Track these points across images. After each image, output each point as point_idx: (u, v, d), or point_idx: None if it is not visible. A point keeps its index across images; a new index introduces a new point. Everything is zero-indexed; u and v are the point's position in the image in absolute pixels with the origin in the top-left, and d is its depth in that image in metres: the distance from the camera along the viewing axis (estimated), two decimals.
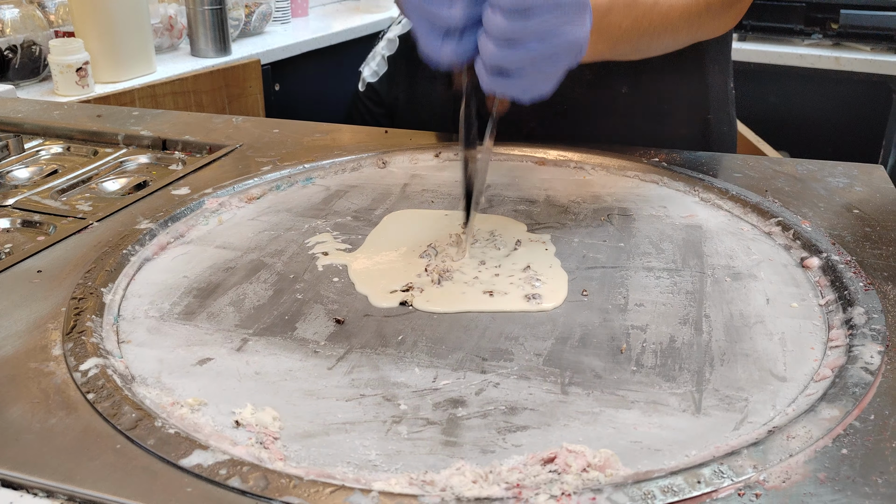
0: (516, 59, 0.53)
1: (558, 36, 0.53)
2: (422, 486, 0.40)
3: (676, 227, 0.70)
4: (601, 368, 0.50)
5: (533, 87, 0.56)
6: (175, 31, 2.12)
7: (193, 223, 0.72)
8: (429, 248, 0.66)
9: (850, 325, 0.53)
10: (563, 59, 0.55)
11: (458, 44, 0.55)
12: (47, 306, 0.56)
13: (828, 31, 2.11)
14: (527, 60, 0.53)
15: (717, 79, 0.93)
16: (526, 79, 0.55)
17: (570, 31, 0.54)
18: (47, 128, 0.97)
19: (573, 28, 0.54)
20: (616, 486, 0.39)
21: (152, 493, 0.39)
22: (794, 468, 0.40)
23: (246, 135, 0.93)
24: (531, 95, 0.56)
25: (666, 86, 0.89)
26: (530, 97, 0.56)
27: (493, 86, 0.55)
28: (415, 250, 0.66)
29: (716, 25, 0.78)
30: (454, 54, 0.56)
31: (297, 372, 0.50)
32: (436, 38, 0.56)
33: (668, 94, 0.90)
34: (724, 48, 0.94)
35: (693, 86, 0.91)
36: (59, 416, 0.45)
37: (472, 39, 0.55)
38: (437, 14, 0.54)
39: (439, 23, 0.55)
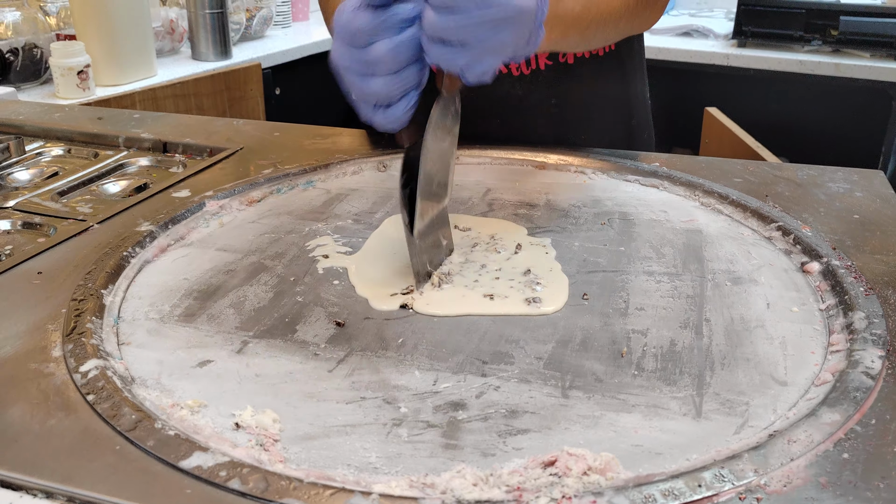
0: (456, 27, 0.51)
1: (501, 3, 0.51)
2: (422, 489, 0.40)
3: (677, 232, 0.70)
4: (602, 372, 0.50)
5: (478, 62, 0.53)
6: (176, 34, 2.13)
7: (194, 225, 0.72)
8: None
9: (851, 330, 0.53)
10: (509, 31, 0.52)
11: (386, 113, 0.55)
12: (47, 308, 0.56)
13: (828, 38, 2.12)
14: (468, 30, 0.51)
15: (637, 87, 0.98)
16: (469, 50, 0.52)
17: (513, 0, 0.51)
18: (48, 130, 0.97)
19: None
20: (617, 490, 0.39)
21: (151, 495, 0.39)
22: (795, 472, 0.40)
23: (247, 138, 0.93)
24: (477, 70, 0.53)
25: (592, 94, 0.92)
26: (476, 73, 0.54)
27: (437, 57, 0.53)
28: None
29: (646, 17, 0.82)
30: (385, 122, 0.56)
31: (298, 374, 0.50)
32: (367, 107, 0.56)
33: (595, 102, 0.93)
34: (641, 56, 0.98)
35: (616, 94, 0.95)
36: (59, 417, 0.45)
37: (402, 107, 0.55)
38: (361, 87, 0.54)
39: (366, 96, 0.55)
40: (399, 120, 0.56)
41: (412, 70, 0.54)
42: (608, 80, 0.93)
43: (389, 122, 0.56)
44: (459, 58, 0.53)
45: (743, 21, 2.20)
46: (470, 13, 0.51)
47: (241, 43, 2.28)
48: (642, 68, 0.99)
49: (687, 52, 2.21)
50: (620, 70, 0.94)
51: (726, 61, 2.19)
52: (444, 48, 0.52)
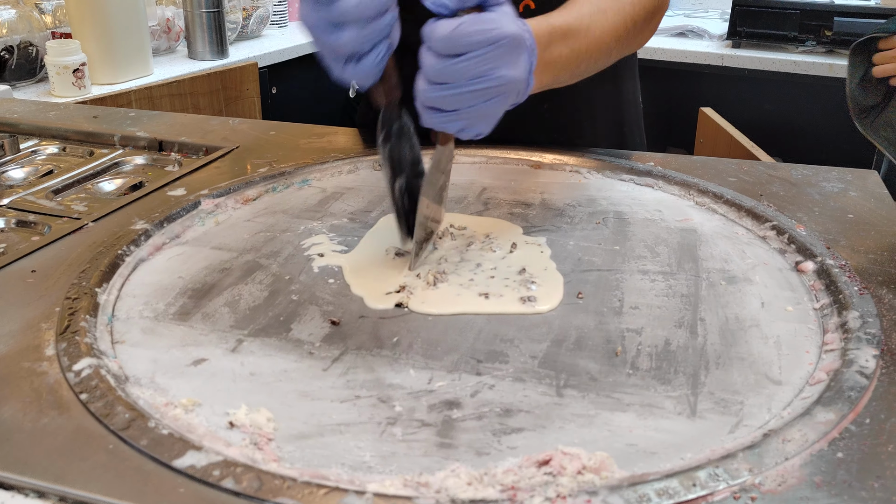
0: (449, 99, 0.53)
1: (491, 77, 0.53)
2: (416, 488, 0.40)
3: (671, 231, 0.70)
4: (596, 371, 0.50)
5: (470, 126, 0.55)
6: (172, 33, 2.12)
7: (189, 224, 0.71)
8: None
9: (845, 329, 0.53)
10: (497, 100, 0.54)
11: (356, 67, 0.55)
12: (41, 306, 0.56)
13: (821, 39, 2.12)
14: (460, 100, 0.53)
15: (629, 91, 0.98)
16: (462, 118, 0.54)
17: (503, 73, 0.53)
18: (43, 128, 0.97)
19: (507, 70, 0.53)
20: (611, 489, 0.39)
21: (144, 494, 0.39)
22: (789, 472, 0.40)
23: (242, 137, 0.93)
24: (470, 134, 0.56)
25: (584, 100, 0.92)
26: (469, 135, 0.56)
27: (431, 122, 0.55)
28: (409, 253, 0.66)
29: (639, 40, 0.81)
30: (357, 77, 0.56)
31: (292, 373, 0.50)
32: (338, 63, 0.56)
33: (586, 108, 0.94)
34: (633, 61, 0.99)
35: (608, 98, 0.96)
36: (52, 415, 0.45)
37: (371, 60, 0.55)
38: (329, 42, 0.55)
39: (335, 50, 0.55)
40: (370, 73, 0.56)
41: (381, 22, 0.54)
42: (600, 87, 0.93)
43: (361, 76, 0.56)
44: (453, 124, 0.55)
45: (737, 22, 2.21)
46: (462, 87, 0.53)
47: (238, 42, 2.28)
48: (634, 73, 0.99)
49: (682, 53, 2.21)
50: (612, 76, 0.94)
51: (721, 61, 2.19)
52: (439, 115, 0.55)
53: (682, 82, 2.23)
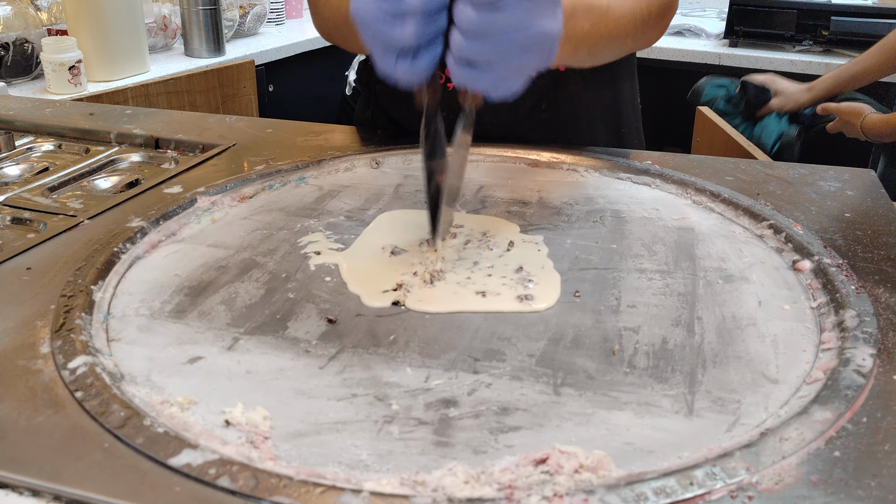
0: (485, 52, 0.52)
1: (529, 28, 0.52)
2: (413, 487, 0.39)
3: (669, 230, 0.70)
4: (594, 369, 0.50)
5: (503, 82, 0.55)
6: (169, 30, 2.12)
7: (185, 222, 0.71)
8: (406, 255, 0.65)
9: (842, 328, 0.53)
10: (533, 53, 0.54)
11: (412, 64, 0.55)
12: (36, 304, 0.56)
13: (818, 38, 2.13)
14: (496, 53, 0.52)
15: (627, 93, 0.98)
16: (496, 72, 0.54)
17: (541, 24, 0.53)
18: (39, 125, 0.97)
19: (545, 20, 0.53)
20: (608, 488, 0.39)
21: (140, 493, 0.39)
22: (786, 470, 0.40)
23: (239, 134, 0.93)
24: (501, 91, 0.55)
25: (582, 101, 0.92)
26: (501, 93, 0.55)
27: (463, 79, 0.55)
28: (408, 250, 0.66)
29: (651, 35, 0.82)
30: (409, 74, 0.55)
31: (289, 371, 0.50)
32: (390, 58, 0.55)
33: (585, 108, 0.93)
34: (631, 62, 0.99)
35: (606, 100, 0.95)
36: (47, 414, 0.45)
37: (427, 58, 0.55)
38: (390, 34, 0.54)
39: (392, 43, 0.54)
40: (424, 71, 0.55)
41: (441, 16, 0.54)
42: (599, 87, 0.93)
43: (413, 74, 0.55)
44: (485, 79, 0.54)
45: (735, 21, 2.21)
46: (499, 39, 0.52)
47: (235, 40, 2.28)
48: (632, 75, 0.99)
49: (679, 52, 2.21)
50: (611, 77, 0.94)
51: (718, 60, 2.19)
52: (471, 70, 0.54)
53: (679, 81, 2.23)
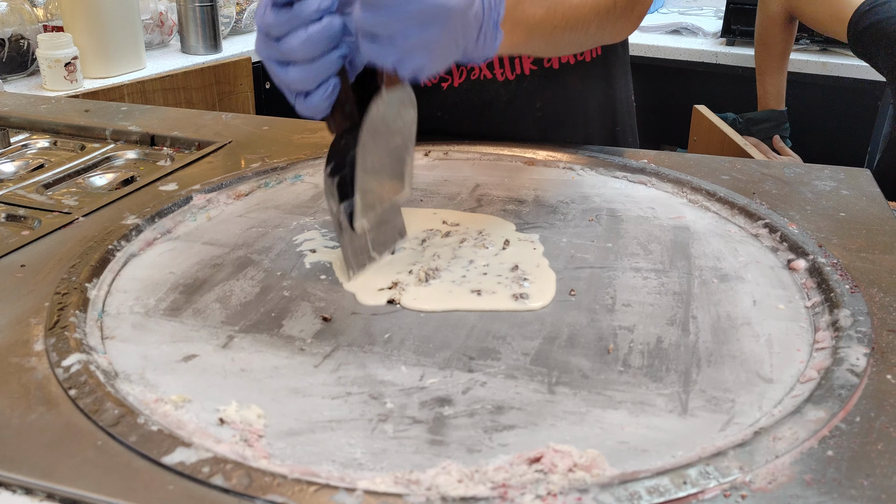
0: (383, 24, 0.51)
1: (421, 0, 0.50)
2: (407, 486, 0.39)
3: (664, 229, 0.70)
4: (588, 368, 0.50)
5: (409, 58, 0.53)
6: (165, 27, 2.11)
7: (181, 219, 0.71)
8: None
9: (837, 328, 0.53)
10: (433, 27, 0.52)
11: (304, 103, 0.55)
12: (30, 301, 0.56)
13: (815, 37, 2.12)
14: (394, 25, 0.51)
15: (621, 92, 0.98)
16: (397, 46, 0.52)
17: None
18: (34, 122, 0.96)
19: None
20: (602, 487, 0.39)
21: (133, 491, 0.39)
22: (780, 470, 0.40)
23: (235, 132, 0.93)
24: (409, 67, 0.53)
25: (577, 100, 0.92)
26: (409, 69, 0.53)
27: (367, 52, 0.53)
28: (403, 248, 0.66)
29: (621, 27, 0.80)
30: (307, 111, 0.56)
31: (283, 369, 0.50)
32: (290, 97, 0.56)
33: (579, 107, 0.93)
34: (626, 60, 0.98)
35: (601, 99, 0.95)
36: (40, 411, 0.44)
37: (320, 96, 0.55)
38: (280, 79, 0.55)
39: (285, 86, 0.55)
40: (318, 108, 0.56)
41: (328, 59, 0.54)
42: (593, 86, 0.93)
43: (309, 111, 0.56)
44: (389, 54, 0.52)
45: (732, 19, 2.20)
46: (393, 9, 0.50)
47: (232, 37, 2.27)
48: (627, 73, 0.99)
49: (676, 50, 2.21)
50: (606, 75, 0.94)
51: (715, 59, 2.19)
52: (374, 45, 0.52)
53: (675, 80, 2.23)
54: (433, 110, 0.90)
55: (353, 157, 0.57)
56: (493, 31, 0.58)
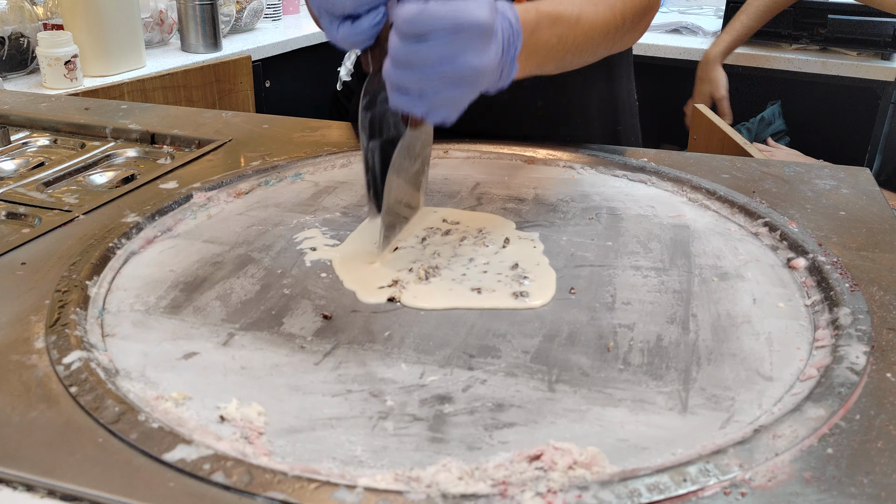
0: (413, 82, 0.52)
1: (455, 63, 0.51)
2: (407, 483, 0.40)
3: (664, 227, 0.70)
4: (588, 366, 0.50)
5: (435, 110, 0.54)
6: (165, 25, 2.11)
7: (181, 217, 0.71)
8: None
9: (836, 326, 0.53)
10: (463, 87, 0.53)
11: (350, 28, 0.55)
12: (31, 299, 0.56)
13: (815, 37, 2.12)
14: (424, 84, 0.52)
15: (623, 91, 0.98)
16: (427, 101, 0.53)
17: (468, 59, 0.51)
18: (34, 120, 0.96)
19: (473, 57, 0.52)
20: (602, 484, 0.39)
21: (134, 488, 0.39)
22: (779, 467, 0.40)
23: (236, 130, 0.93)
24: (436, 118, 0.55)
25: (579, 99, 0.92)
26: (436, 119, 0.55)
27: (396, 102, 0.54)
28: (403, 247, 0.66)
29: (629, 38, 0.81)
30: (351, 37, 0.55)
31: (284, 367, 0.50)
32: (332, 24, 0.56)
33: (581, 107, 0.93)
34: (628, 61, 0.98)
35: (603, 98, 0.95)
36: (41, 409, 0.44)
37: (369, 22, 0.55)
38: (331, 1, 0.54)
39: (334, 10, 0.55)
40: (365, 34, 0.55)
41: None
42: (595, 85, 0.93)
43: (354, 37, 0.55)
44: (418, 106, 0.54)
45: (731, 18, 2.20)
46: (426, 70, 0.51)
47: (231, 35, 2.27)
48: (629, 73, 0.99)
49: (676, 49, 2.21)
50: (607, 75, 0.94)
51: None
52: (404, 97, 0.54)
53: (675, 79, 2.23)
54: None
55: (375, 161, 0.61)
56: (510, 67, 0.58)
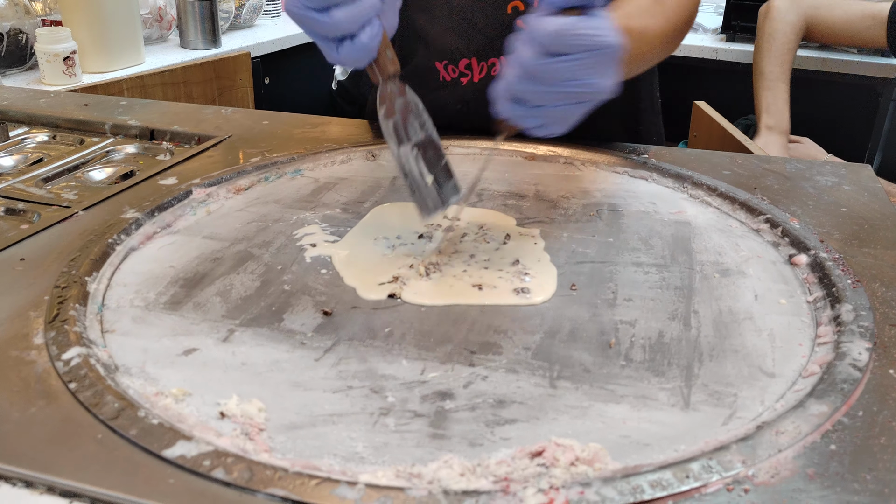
0: (535, 94, 0.52)
1: (584, 83, 0.52)
2: (409, 479, 0.39)
3: (665, 224, 0.70)
4: (590, 363, 0.50)
5: (548, 125, 0.54)
6: (164, 22, 2.10)
7: (181, 213, 0.71)
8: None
9: (839, 322, 0.53)
10: (582, 105, 0.54)
11: (351, 47, 0.55)
12: (30, 295, 0.56)
13: None
14: (547, 98, 0.52)
15: (645, 91, 0.96)
16: (542, 115, 0.54)
17: (596, 81, 0.52)
18: (33, 116, 0.96)
19: (600, 78, 0.53)
20: (604, 481, 0.39)
21: (134, 485, 0.39)
22: (782, 464, 0.40)
23: (235, 126, 0.92)
24: (542, 132, 0.55)
25: None
26: (541, 133, 0.55)
27: (508, 113, 0.54)
28: (404, 243, 0.65)
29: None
30: (350, 58, 0.56)
31: (284, 363, 0.50)
32: (330, 47, 0.55)
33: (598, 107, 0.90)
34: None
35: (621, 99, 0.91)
36: (40, 405, 0.44)
37: (367, 38, 0.55)
38: (323, 26, 0.54)
39: (330, 34, 0.55)
40: (366, 48, 0.55)
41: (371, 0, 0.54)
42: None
43: (357, 53, 0.55)
44: (529, 119, 0.54)
45: (732, 15, 2.20)
46: (553, 86, 0.51)
47: (231, 31, 2.27)
48: (652, 73, 0.97)
49: None
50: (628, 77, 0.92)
51: (715, 55, 2.19)
52: (520, 108, 0.53)
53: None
54: (453, 103, 0.89)
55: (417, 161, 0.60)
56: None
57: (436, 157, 0.61)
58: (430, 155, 0.61)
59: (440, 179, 0.61)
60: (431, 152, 0.61)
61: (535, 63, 0.52)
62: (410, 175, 0.60)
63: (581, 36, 0.51)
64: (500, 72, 0.54)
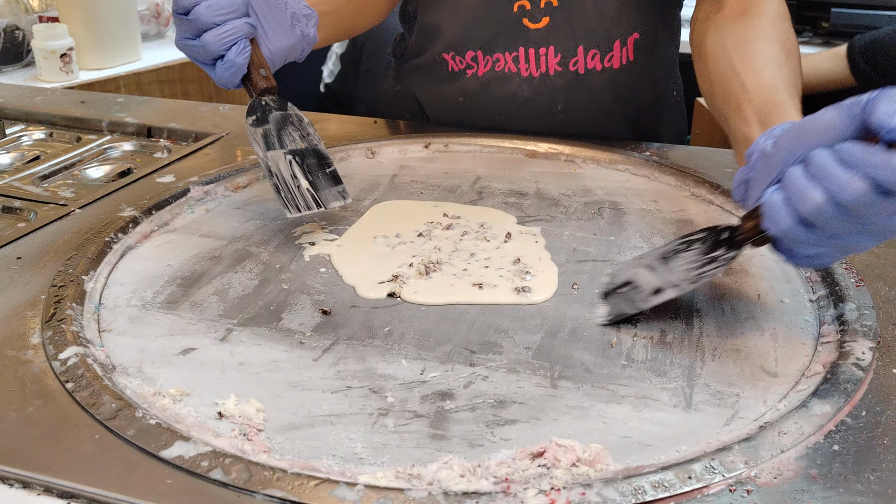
0: (841, 226, 0.45)
1: (878, 232, 0.45)
2: (408, 480, 0.39)
3: (667, 222, 0.69)
4: (591, 362, 0.50)
5: (826, 256, 0.48)
6: (162, 18, 2.09)
7: (178, 211, 0.70)
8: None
9: (842, 322, 0.53)
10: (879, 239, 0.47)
11: (223, 66, 0.64)
12: (26, 294, 0.55)
13: (818, 30, 2.12)
14: (850, 230, 0.45)
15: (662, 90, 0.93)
16: (831, 246, 0.47)
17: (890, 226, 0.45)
18: (29, 113, 0.95)
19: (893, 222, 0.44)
20: (606, 482, 0.39)
21: (131, 485, 0.38)
22: (785, 464, 0.40)
23: (233, 123, 0.92)
24: (814, 263, 0.49)
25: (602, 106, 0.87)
26: (810, 264, 0.50)
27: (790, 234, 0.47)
28: (403, 241, 0.65)
29: None
30: (225, 76, 0.64)
31: (282, 363, 0.49)
32: (209, 69, 0.65)
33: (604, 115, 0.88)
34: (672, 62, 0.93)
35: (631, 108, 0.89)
36: (36, 405, 0.44)
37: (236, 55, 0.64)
38: (196, 50, 0.64)
39: (203, 58, 0.64)
40: (235, 64, 0.64)
41: (236, 23, 0.63)
42: (622, 91, 0.87)
43: (229, 71, 0.64)
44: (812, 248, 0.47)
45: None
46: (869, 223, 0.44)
47: None
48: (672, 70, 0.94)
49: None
50: (636, 85, 0.88)
51: None
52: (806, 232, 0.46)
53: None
54: (455, 95, 0.89)
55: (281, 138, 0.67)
56: None
57: (318, 165, 0.67)
58: (311, 162, 0.67)
59: (320, 185, 0.66)
60: (313, 160, 0.67)
61: (859, 197, 0.43)
62: (277, 176, 0.65)
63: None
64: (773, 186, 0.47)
